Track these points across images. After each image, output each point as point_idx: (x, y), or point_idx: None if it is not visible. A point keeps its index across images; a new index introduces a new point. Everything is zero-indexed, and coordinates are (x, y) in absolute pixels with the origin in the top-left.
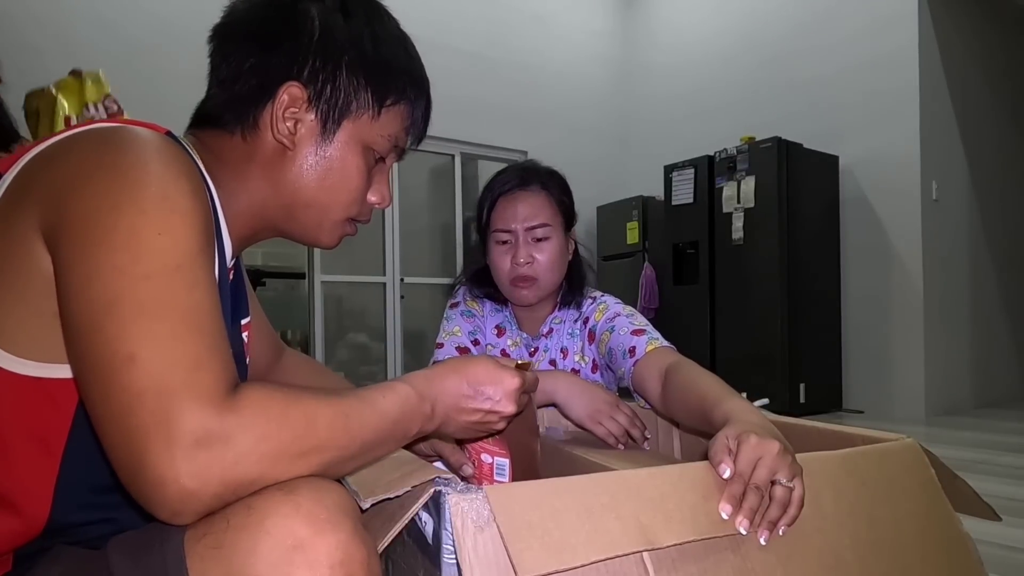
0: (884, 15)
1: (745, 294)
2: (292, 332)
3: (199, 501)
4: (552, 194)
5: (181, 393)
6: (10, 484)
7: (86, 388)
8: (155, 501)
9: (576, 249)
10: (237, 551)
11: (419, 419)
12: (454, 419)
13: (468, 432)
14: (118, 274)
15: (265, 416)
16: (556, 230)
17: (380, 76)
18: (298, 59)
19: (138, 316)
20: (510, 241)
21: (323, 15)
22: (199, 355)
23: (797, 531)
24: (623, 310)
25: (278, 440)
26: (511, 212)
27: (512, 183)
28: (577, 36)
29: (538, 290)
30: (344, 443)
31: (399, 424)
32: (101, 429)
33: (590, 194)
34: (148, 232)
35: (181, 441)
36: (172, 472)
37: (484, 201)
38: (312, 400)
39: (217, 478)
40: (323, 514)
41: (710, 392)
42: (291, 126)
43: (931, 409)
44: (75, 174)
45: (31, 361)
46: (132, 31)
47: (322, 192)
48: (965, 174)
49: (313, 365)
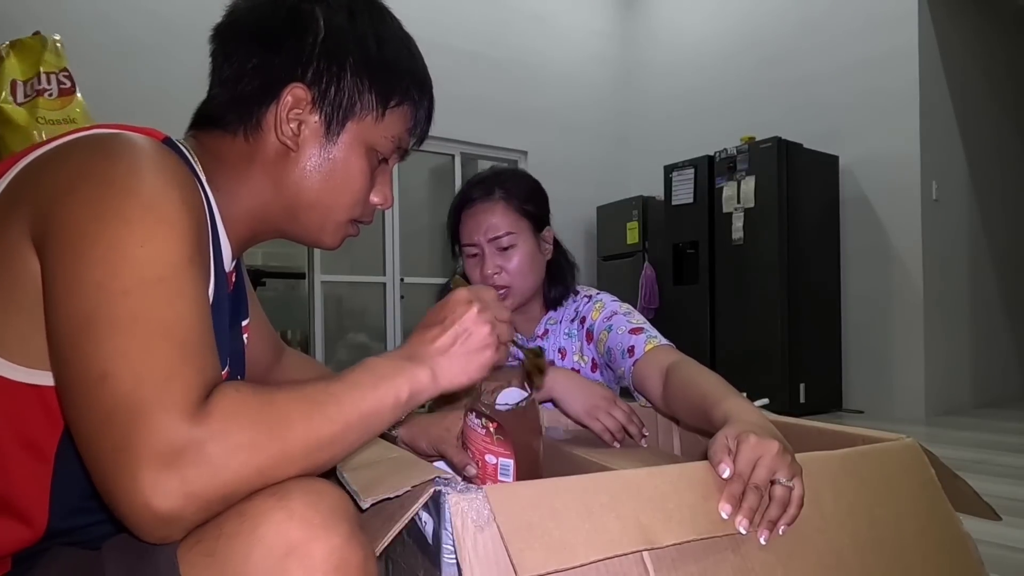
0: (884, 15)
1: (745, 294)
2: (292, 332)
3: (182, 519)
4: (513, 201)
5: (149, 410)
6: (11, 491)
7: (65, 406)
8: (135, 527)
9: (556, 246)
10: (231, 559)
11: (404, 378)
12: (440, 361)
13: (468, 369)
14: (95, 289)
15: (237, 423)
16: (523, 235)
17: (384, 77)
18: (302, 60)
19: (113, 333)
20: (478, 254)
21: (327, 16)
22: (171, 367)
23: (797, 531)
24: (620, 308)
25: (254, 447)
26: (473, 225)
27: (472, 195)
28: (577, 36)
29: (514, 296)
30: (326, 433)
31: (380, 391)
32: (80, 448)
33: (590, 194)
34: (130, 244)
35: (149, 465)
36: (141, 499)
37: (450, 216)
38: (284, 397)
39: (196, 494)
40: (317, 519)
41: (711, 391)
42: (295, 127)
43: (931, 409)
44: (65, 182)
45: (24, 367)
46: (132, 31)
47: (325, 193)
48: (965, 174)
49: (313, 365)
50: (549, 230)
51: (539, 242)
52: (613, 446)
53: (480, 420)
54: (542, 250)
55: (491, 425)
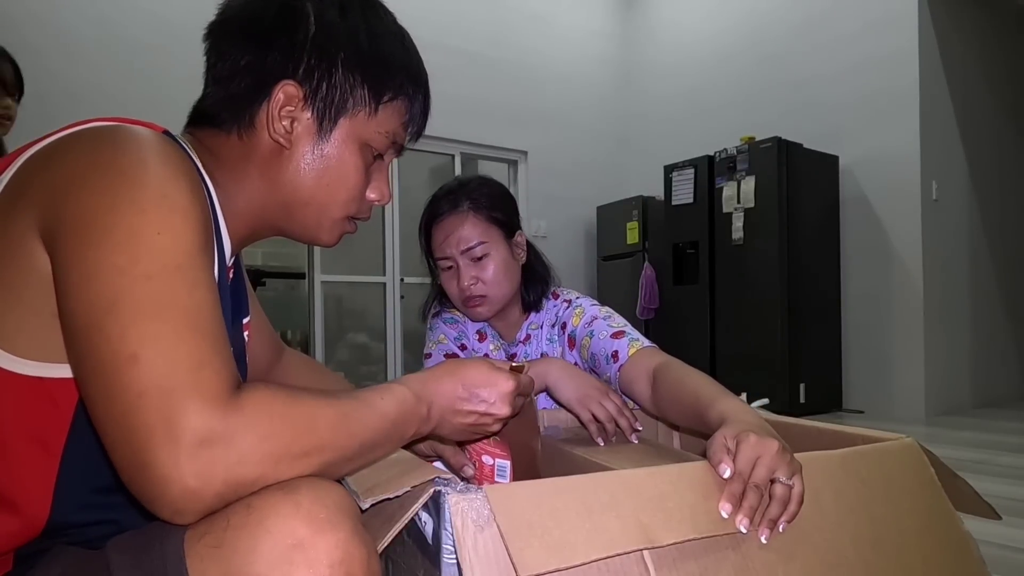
0: (884, 15)
1: (745, 294)
2: (292, 332)
3: (201, 500)
4: (482, 211)
5: (184, 392)
6: (10, 484)
7: (87, 388)
8: (158, 500)
9: (530, 250)
10: (237, 550)
11: (416, 420)
12: (449, 421)
13: (463, 434)
14: (118, 274)
15: (268, 416)
16: (495, 243)
17: (376, 72)
18: (293, 57)
19: (139, 316)
20: (452, 266)
21: (319, 11)
22: (201, 355)
23: (797, 530)
24: (600, 312)
25: (280, 440)
26: (444, 238)
27: (440, 209)
28: (577, 36)
29: (491, 304)
30: (344, 443)
31: (397, 425)
32: (103, 429)
33: (590, 194)
34: (147, 231)
35: (185, 440)
36: (176, 471)
37: (420, 231)
38: (313, 401)
39: (220, 477)
40: (323, 513)
41: (703, 392)
42: (287, 125)
43: (931, 409)
44: (73, 174)
45: (31, 361)
46: (132, 31)
47: (320, 191)
48: (965, 174)
49: (313, 365)
50: (521, 234)
51: (512, 248)
52: (597, 442)
53: None
54: (515, 256)
55: None
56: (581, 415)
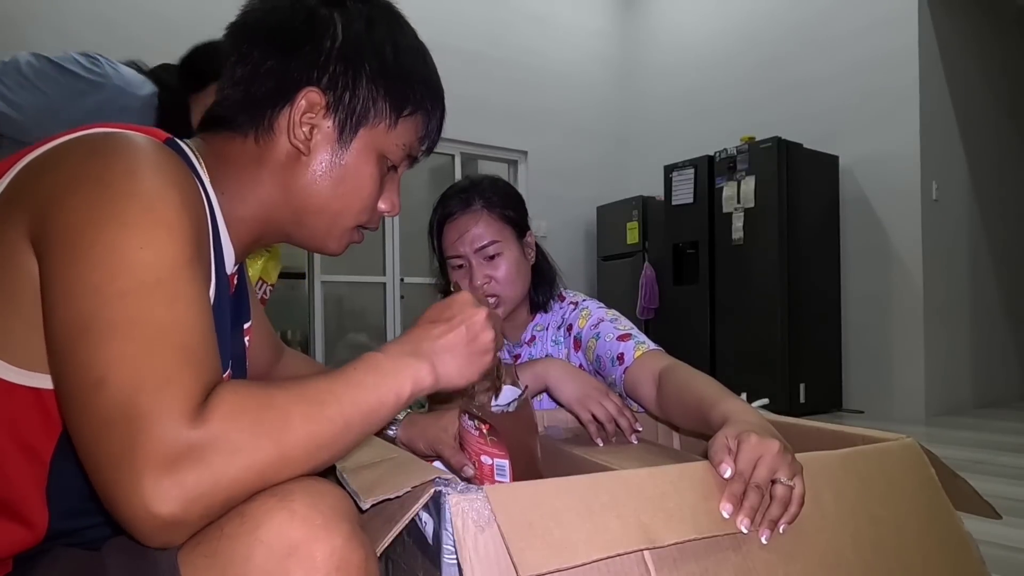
0: (884, 15)
1: (745, 294)
2: (292, 332)
3: (184, 524)
4: (495, 209)
5: (147, 416)
6: (11, 493)
7: (65, 412)
8: (138, 533)
9: (538, 251)
10: (232, 560)
11: (406, 374)
12: (444, 359)
13: (467, 371)
14: (93, 293)
15: (237, 426)
16: (508, 243)
17: (399, 86)
18: (319, 65)
19: (110, 338)
20: (464, 265)
21: (346, 22)
22: (168, 371)
23: (798, 530)
24: (606, 315)
25: (254, 450)
26: (457, 237)
27: (453, 207)
28: (577, 36)
29: (505, 305)
30: (327, 433)
31: (383, 390)
32: (80, 454)
33: (590, 194)
34: (129, 247)
35: (149, 471)
36: (142, 506)
37: (431, 228)
38: (284, 397)
39: (197, 499)
40: (318, 519)
41: (707, 394)
42: (307, 131)
43: (931, 409)
44: (62, 184)
45: (23, 370)
46: (132, 31)
47: (335, 199)
48: (965, 174)
49: (313, 365)
50: (531, 234)
51: (523, 248)
52: (597, 442)
53: (473, 422)
54: (527, 256)
55: (484, 427)
56: (581, 415)
